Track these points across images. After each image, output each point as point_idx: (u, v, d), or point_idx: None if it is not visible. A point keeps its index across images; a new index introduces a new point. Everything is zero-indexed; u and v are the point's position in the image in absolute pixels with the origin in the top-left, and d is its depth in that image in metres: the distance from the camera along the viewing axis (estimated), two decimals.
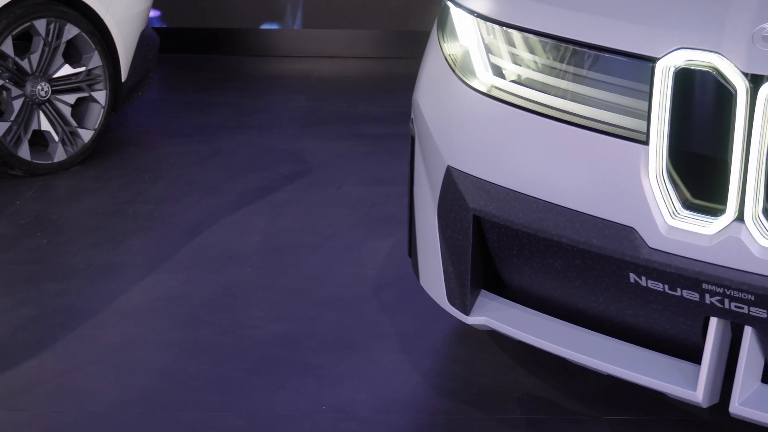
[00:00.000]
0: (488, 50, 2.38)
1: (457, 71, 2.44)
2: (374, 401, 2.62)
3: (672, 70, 2.02)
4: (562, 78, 2.25)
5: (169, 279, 3.31)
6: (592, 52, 2.18)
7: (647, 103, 2.06)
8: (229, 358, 2.82)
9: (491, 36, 2.37)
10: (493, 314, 2.44)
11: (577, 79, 2.22)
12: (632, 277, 2.13)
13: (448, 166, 2.42)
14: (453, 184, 2.41)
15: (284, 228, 3.74)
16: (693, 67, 2.00)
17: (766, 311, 1.98)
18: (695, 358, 2.16)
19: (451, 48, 2.48)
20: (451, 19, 2.49)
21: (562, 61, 2.25)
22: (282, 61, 6.44)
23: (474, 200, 2.35)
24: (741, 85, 1.93)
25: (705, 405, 2.12)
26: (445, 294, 2.52)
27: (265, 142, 4.78)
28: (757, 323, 2.02)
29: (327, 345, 2.90)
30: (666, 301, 2.12)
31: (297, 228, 3.74)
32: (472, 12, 2.41)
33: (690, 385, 2.13)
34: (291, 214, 3.88)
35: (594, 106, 2.19)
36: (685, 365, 2.18)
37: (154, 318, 3.06)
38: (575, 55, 2.22)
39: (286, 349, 2.87)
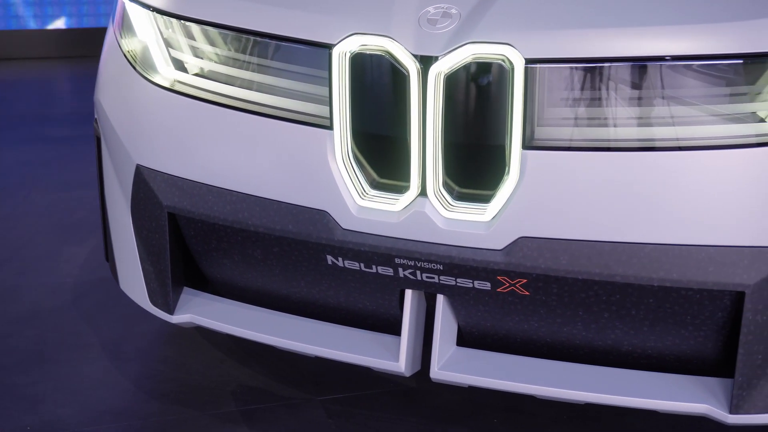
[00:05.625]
0: (168, 44, 2.35)
1: (137, 68, 2.39)
2: (82, 414, 2.52)
3: (348, 55, 2.08)
4: (245, 69, 2.26)
5: None
6: (272, 41, 2.20)
7: (328, 89, 2.11)
8: None
9: (170, 30, 2.34)
10: (198, 310, 2.42)
11: (259, 69, 2.24)
12: (329, 259, 2.19)
13: (138, 164, 2.37)
14: (144, 183, 2.36)
15: None
16: (368, 52, 2.07)
17: (454, 279, 2.10)
18: (396, 330, 2.25)
19: (129, 44, 2.43)
20: (127, 14, 2.43)
21: (243, 51, 2.26)
22: None
23: (167, 197, 2.32)
24: (412, 67, 2.03)
25: (408, 374, 2.22)
26: (146, 295, 2.47)
27: None
28: (448, 291, 2.14)
29: (26, 362, 2.75)
30: (363, 279, 2.20)
31: None
32: (147, 6, 2.36)
33: (392, 356, 2.22)
34: None
35: (278, 95, 2.22)
36: (387, 338, 2.27)
37: None
38: (256, 46, 2.23)
39: None
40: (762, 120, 1.95)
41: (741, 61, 1.93)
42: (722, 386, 2.07)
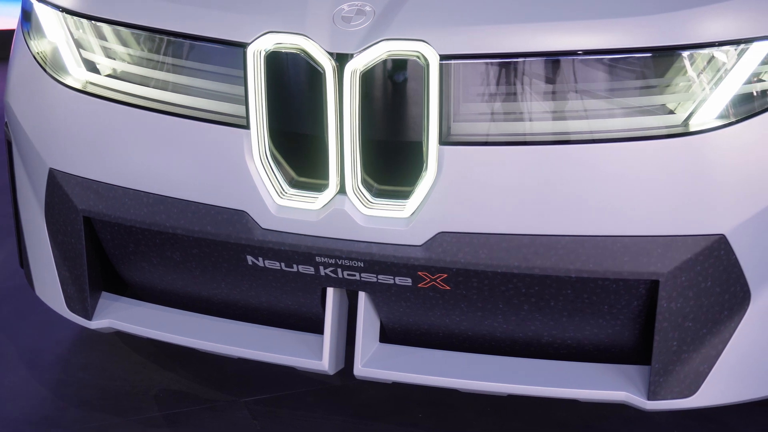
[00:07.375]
0: (79, 45, 2.31)
1: (48, 69, 2.34)
2: (0, 425, 2.47)
3: (263, 54, 2.07)
4: (159, 69, 2.23)
5: None
6: (185, 41, 2.18)
7: (244, 88, 2.09)
8: None
9: (80, 31, 2.30)
10: (117, 315, 2.39)
11: (174, 69, 2.22)
12: (250, 259, 2.17)
13: (51, 168, 2.33)
14: (58, 187, 2.32)
15: None
16: (283, 50, 2.06)
17: (375, 276, 2.10)
18: (319, 329, 2.25)
19: (39, 46, 2.38)
20: (36, 15, 2.39)
21: (157, 51, 2.23)
22: None
23: (82, 201, 2.28)
24: (328, 65, 2.02)
25: (332, 372, 2.22)
26: (63, 301, 2.43)
27: None
28: (369, 288, 2.14)
29: None
30: (284, 279, 2.19)
31: None
32: (57, 7, 2.32)
33: (315, 355, 2.21)
34: None
35: (194, 95, 2.20)
36: (310, 337, 2.26)
37: None
38: (169, 45, 2.21)
39: None
40: (671, 112, 1.99)
41: (650, 55, 1.97)
42: (640, 373, 2.11)
